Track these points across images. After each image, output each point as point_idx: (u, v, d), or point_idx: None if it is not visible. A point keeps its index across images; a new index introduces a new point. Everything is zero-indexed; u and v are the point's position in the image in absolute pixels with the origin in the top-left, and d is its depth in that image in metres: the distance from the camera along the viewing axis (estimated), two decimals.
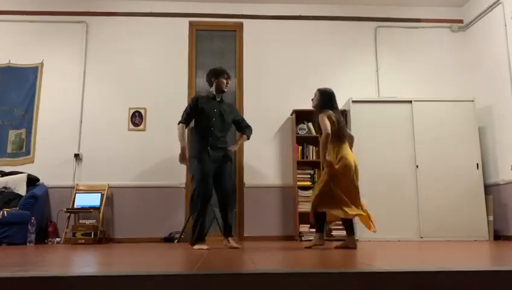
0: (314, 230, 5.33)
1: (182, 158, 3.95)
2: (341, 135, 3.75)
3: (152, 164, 5.83)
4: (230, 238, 4.03)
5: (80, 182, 5.71)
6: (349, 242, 3.61)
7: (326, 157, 3.66)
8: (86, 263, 2.33)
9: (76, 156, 5.76)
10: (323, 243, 3.72)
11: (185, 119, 4.03)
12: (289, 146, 5.95)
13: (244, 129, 4.27)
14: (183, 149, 3.94)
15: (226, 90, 4.14)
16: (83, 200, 5.50)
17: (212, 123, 4.00)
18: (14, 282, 1.44)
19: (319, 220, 3.74)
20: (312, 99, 3.93)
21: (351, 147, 3.84)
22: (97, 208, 5.44)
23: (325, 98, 3.82)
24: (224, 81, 4.10)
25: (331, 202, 3.59)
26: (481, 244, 4.28)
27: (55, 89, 5.96)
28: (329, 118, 3.70)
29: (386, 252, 3.04)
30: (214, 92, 4.12)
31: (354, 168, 3.65)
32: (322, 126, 3.67)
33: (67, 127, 5.85)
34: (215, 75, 4.11)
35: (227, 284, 1.47)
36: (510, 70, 5.35)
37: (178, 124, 4.03)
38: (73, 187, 5.64)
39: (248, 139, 4.34)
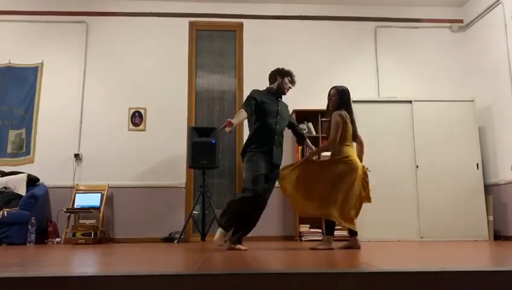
0: (316, 231, 5.41)
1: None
2: (355, 136, 3.75)
3: (152, 164, 5.83)
4: None
5: (80, 182, 5.70)
6: (353, 243, 3.60)
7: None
8: (85, 263, 2.33)
9: (76, 156, 5.76)
10: (333, 247, 3.58)
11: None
12: (289, 146, 5.93)
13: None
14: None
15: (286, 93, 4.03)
16: (82, 200, 5.50)
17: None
18: (14, 282, 1.44)
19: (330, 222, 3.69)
20: (329, 99, 3.80)
21: (361, 153, 3.79)
22: (97, 208, 5.44)
23: (344, 98, 3.74)
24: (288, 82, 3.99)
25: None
26: (481, 244, 4.27)
27: (55, 89, 5.95)
28: (342, 117, 3.64)
29: (386, 252, 3.04)
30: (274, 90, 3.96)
31: (359, 173, 3.62)
32: (333, 129, 3.60)
33: (67, 127, 5.85)
34: (281, 74, 4.03)
35: (227, 284, 1.47)
36: (510, 70, 5.34)
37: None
38: (73, 187, 5.64)
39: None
